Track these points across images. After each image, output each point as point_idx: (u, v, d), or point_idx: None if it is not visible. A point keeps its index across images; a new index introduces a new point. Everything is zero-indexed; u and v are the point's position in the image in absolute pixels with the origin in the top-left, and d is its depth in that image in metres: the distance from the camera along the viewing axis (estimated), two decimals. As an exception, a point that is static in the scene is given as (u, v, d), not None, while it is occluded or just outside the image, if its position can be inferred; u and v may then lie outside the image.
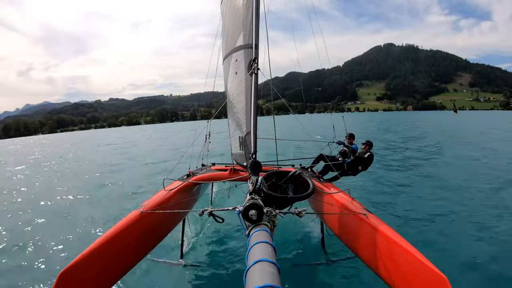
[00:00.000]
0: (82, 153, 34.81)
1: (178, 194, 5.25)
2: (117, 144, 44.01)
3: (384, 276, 3.27)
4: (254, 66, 4.61)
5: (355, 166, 7.58)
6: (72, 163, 25.10)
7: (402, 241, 3.25)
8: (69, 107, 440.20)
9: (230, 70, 5.78)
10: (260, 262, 1.74)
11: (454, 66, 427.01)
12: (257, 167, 3.77)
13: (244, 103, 5.05)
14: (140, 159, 24.59)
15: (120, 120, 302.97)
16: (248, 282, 1.60)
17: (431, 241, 7.10)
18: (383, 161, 17.28)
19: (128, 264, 3.85)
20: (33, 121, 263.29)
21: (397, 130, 44.11)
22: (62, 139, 79.07)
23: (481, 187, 11.49)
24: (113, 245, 3.56)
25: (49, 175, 19.39)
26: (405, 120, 79.46)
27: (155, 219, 4.28)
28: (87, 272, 3.21)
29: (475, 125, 51.58)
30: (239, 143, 5.29)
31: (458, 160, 17.16)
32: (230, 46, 5.76)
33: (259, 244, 2.04)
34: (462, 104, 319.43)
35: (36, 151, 44.57)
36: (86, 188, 14.62)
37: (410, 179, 13.17)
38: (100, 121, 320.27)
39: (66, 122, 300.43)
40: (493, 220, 8.26)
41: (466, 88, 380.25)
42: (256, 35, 4.88)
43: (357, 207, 4.29)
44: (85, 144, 51.35)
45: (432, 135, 33.65)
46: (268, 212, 2.74)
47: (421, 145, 23.85)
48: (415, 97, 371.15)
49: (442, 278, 2.60)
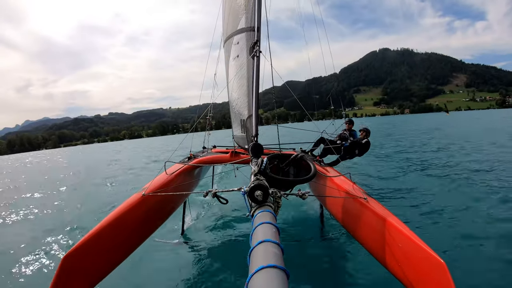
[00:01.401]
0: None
1: (180, 177, 5.27)
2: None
3: (382, 260, 3.30)
4: (256, 49, 4.58)
5: (352, 150, 7.70)
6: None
7: (401, 225, 3.22)
8: (69, 122, 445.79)
9: (231, 54, 5.77)
10: (264, 242, 1.73)
11: (450, 67, 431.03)
12: (259, 150, 3.84)
13: (246, 86, 5.08)
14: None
15: (122, 134, 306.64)
16: (252, 262, 1.58)
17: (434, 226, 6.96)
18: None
19: (131, 246, 3.92)
20: (36, 137, 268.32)
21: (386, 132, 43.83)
22: (75, 152, 79.36)
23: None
24: (115, 227, 3.62)
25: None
26: (393, 123, 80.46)
27: (156, 202, 4.35)
28: (91, 255, 3.26)
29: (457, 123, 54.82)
30: (241, 126, 5.33)
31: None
32: (232, 28, 5.75)
33: (263, 224, 2.05)
34: (458, 105, 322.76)
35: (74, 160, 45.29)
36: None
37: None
38: (103, 135, 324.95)
39: (68, 137, 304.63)
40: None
41: (462, 89, 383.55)
42: (258, 17, 4.84)
43: (358, 191, 4.22)
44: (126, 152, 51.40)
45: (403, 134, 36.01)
46: (273, 193, 2.75)
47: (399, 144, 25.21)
48: (412, 100, 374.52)
49: (441, 263, 2.58)
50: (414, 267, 2.85)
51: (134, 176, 18.76)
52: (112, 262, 3.53)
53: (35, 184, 19.31)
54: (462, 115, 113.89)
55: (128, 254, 3.81)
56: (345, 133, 8.01)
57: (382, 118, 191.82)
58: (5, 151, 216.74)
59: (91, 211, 10.32)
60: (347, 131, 8.07)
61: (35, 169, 35.44)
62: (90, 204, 11.62)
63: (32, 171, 33.04)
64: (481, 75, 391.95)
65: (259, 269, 1.44)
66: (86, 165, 31.44)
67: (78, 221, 9.12)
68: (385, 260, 3.24)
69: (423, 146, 22.20)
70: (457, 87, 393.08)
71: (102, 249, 3.40)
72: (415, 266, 2.84)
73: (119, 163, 29.62)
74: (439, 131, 37.64)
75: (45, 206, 11.82)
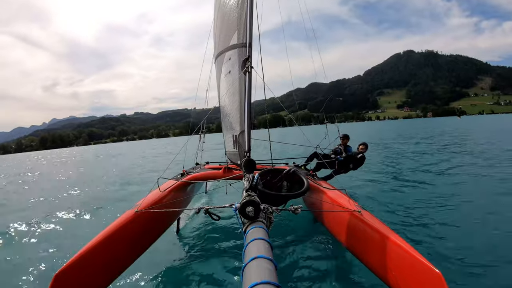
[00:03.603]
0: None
1: (172, 193, 5.27)
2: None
3: (379, 273, 3.28)
4: (247, 65, 4.60)
5: (347, 164, 7.68)
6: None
7: (396, 238, 3.18)
8: (96, 121, 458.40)
9: (223, 70, 5.77)
10: (257, 258, 1.76)
11: (475, 70, 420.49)
12: (251, 165, 3.90)
13: (238, 102, 5.13)
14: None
15: (150, 133, 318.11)
16: (245, 279, 1.61)
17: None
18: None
19: (124, 263, 3.88)
20: (67, 134, 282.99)
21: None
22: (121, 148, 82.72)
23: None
24: (108, 245, 3.56)
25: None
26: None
27: (150, 218, 4.31)
28: (83, 272, 3.21)
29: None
30: (233, 142, 5.39)
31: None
32: (223, 45, 5.74)
33: (256, 241, 2.06)
34: (482, 108, 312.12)
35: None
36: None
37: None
38: (131, 134, 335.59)
39: (97, 135, 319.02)
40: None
41: (487, 92, 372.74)
42: (249, 33, 4.87)
43: (351, 205, 4.15)
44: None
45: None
46: (265, 209, 2.75)
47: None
48: (436, 103, 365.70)
49: (437, 274, 2.54)
50: (411, 279, 2.82)
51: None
52: (105, 280, 3.49)
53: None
54: (475, 119, 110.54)
55: (121, 271, 3.79)
56: (340, 147, 7.96)
57: (398, 122, 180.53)
58: (38, 147, 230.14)
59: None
60: (341, 145, 8.02)
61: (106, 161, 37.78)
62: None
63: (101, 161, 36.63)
64: (506, 77, 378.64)
65: (253, 286, 1.49)
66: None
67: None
68: (380, 272, 3.22)
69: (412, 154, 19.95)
70: (482, 90, 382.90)
71: (94, 267, 3.34)
72: (411, 277, 2.82)
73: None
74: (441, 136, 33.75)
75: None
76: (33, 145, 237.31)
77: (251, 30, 4.91)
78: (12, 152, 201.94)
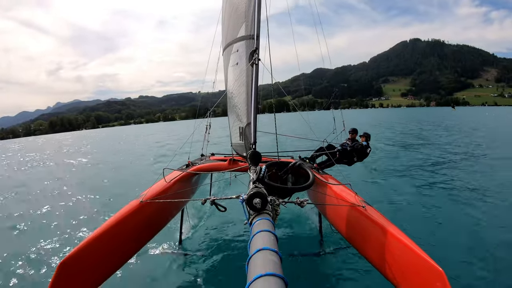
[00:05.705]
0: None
1: (178, 184, 5.25)
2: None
3: (381, 268, 3.28)
4: (255, 57, 4.59)
5: (351, 156, 7.66)
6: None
7: (400, 234, 3.18)
8: (101, 104, 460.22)
9: (230, 61, 5.79)
10: (262, 250, 1.75)
11: (481, 60, 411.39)
12: (257, 158, 3.95)
13: (245, 93, 5.08)
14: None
15: (157, 116, 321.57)
16: (250, 270, 1.62)
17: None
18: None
19: (128, 253, 3.92)
20: (75, 118, 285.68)
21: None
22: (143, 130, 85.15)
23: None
24: (112, 234, 3.60)
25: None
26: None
27: (154, 209, 4.33)
28: (87, 261, 3.24)
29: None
30: (239, 134, 5.38)
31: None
32: (231, 36, 5.75)
33: (262, 232, 2.05)
34: (486, 100, 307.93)
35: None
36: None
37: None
38: (138, 117, 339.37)
39: (104, 119, 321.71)
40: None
41: (492, 84, 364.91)
42: (257, 25, 4.84)
43: (356, 200, 4.15)
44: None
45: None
46: (272, 201, 2.76)
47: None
48: (440, 93, 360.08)
49: (439, 271, 2.57)
50: (413, 276, 2.83)
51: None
52: (109, 269, 3.53)
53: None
54: (469, 110, 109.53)
55: (125, 261, 3.82)
56: (347, 142, 7.96)
57: (400, 110, 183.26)
58: (47, 130, 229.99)
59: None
60: (350, 140, 8.02)
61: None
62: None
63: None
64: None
65: (258, 277, 1.50)
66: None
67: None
68: (383, 268, 3.21)
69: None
70: (487, 82, 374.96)
71: (99, 256, 3.37)
72: (414, 274, 2.83)
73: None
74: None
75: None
76: (41, 129, 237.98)
77: (259, 22, 4.91)
78: (22, 136, 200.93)
